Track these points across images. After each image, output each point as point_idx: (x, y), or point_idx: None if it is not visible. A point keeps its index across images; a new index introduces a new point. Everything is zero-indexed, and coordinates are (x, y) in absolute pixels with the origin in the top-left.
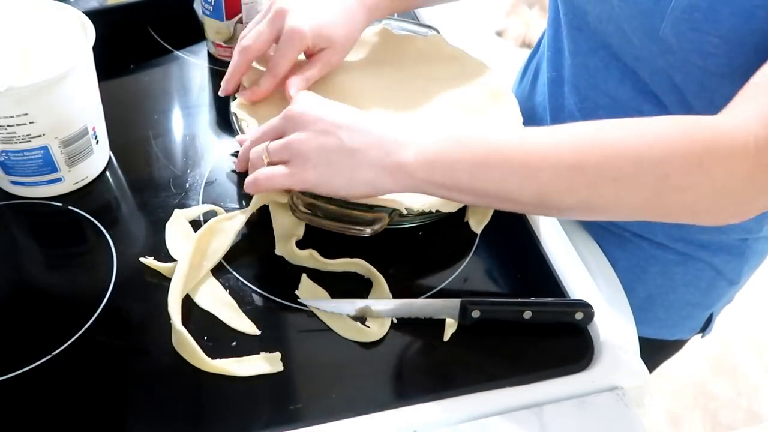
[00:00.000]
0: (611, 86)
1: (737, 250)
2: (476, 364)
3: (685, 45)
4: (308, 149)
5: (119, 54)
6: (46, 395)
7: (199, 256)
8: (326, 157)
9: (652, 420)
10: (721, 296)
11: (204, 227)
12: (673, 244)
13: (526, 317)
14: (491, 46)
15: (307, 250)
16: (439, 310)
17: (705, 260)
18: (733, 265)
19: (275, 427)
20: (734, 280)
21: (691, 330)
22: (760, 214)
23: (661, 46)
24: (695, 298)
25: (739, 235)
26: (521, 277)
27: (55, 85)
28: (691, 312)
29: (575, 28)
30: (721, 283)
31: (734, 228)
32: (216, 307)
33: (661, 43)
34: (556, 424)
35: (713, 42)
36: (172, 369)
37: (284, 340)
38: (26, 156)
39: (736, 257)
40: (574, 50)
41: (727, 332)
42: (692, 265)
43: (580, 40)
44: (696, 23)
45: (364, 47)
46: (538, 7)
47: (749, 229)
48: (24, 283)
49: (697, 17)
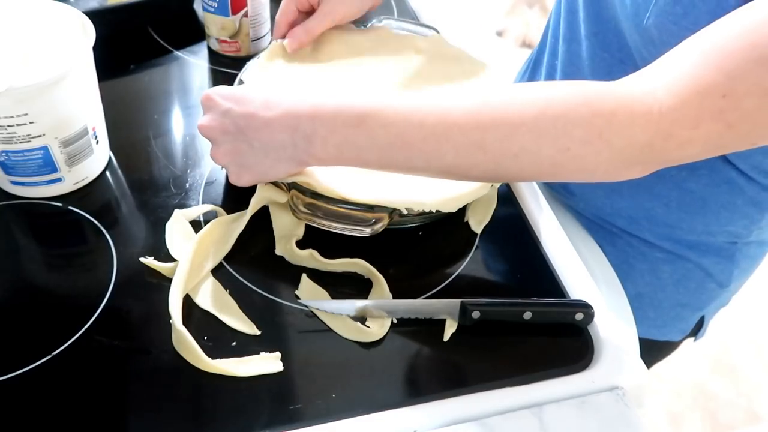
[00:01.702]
0: (600, 75)
1: (726, 253)
2: (476, 364)
3: (665, 38)
4: (222, 156)
5: (119, 54)
6: (46, 395)
7: (200, 257)
8: (241, 160)
9: (652, 420)
10: (712, 298)
11: (205, 228)
12: (660, 242)
13: (526, 318)
14: (491, 46)
15: (307, 250)
16: (439, 311)
17: (693, 261)
18: (722, 268)
19: (275, 427)
20: (724, 283)
21: (681, 332)
22: (748, 221)
23: (644, 37)
24: (684, 299)
25: (727, 239)
26: (521, 277)
27: (55, 85)
28: (680, 312)
29: (572, 12)
30: (711, 285)
31: (722, 232)
32: (216, 307)
33: (644, 33)
34: (556, 424)
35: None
36: (172, 369)
37: (284, 340)
38: (26, 156)
39: (726, 260)
40: (569, 37)
41: (726, 332)
42: (681, 264)
43: (574, 25)
44: (676, 17)
45: (364, 47)
46: (538, 7)
47: (738, 234)
48: (24, 283)
49: (677, 11)
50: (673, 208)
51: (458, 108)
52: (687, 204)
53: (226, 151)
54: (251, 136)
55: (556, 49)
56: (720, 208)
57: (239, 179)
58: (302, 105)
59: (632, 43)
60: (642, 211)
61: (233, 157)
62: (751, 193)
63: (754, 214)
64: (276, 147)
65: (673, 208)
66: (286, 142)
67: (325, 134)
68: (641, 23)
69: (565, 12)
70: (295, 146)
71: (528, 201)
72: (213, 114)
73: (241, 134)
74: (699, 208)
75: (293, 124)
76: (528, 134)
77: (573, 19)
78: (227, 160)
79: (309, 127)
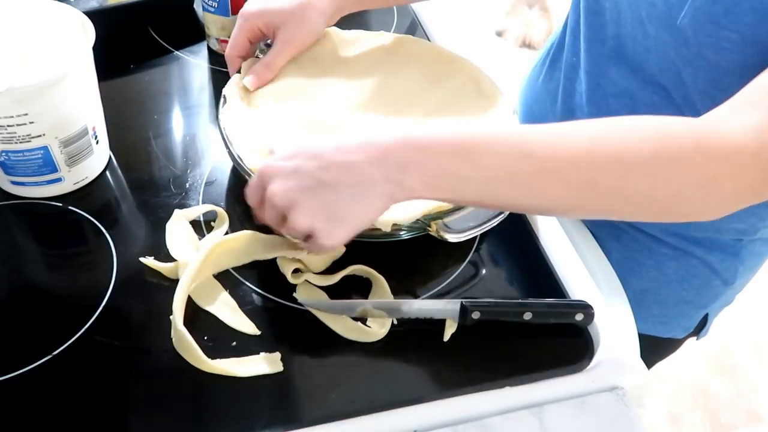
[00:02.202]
0: (621, 75)
1: (732, 250)
2: (476, 364)
3: (702, 38)
4: (308, 216)
5: (119, 54)
6: (46, 395)
7: (207, 268)
8: (330, 214)
9: (652, 420)
10: (716, 296)
11: (226, 237)
12: (667, 238)
13: (526, 318)
14: (491, 47)
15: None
16: (439, 311)
17: (699, 257)
18: (728, 265)
19: (275, 427)
20: (729, 281)
21: (684, 329)
22: (756, 218)
23: (677, 38)
24: (689, 296)
25: (733, 236)
26: (521, 277)
27: (55, 85)
28: (684, 309)
29: (593, 12)
30: (716, 282)
31: (728, 229)
32: (216, 307)
33: (678, 34)
34: (556, 424)
35: (730, 37)
36: (172, 369)
37: (284, 340)
38: (26, 156)
39: (731, 257)
40: (589, 36)
41: (727, 332)
42: (686, 261)
43: (596, 25)
44: (715, 16)
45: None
46: (538, 7)
47: (743, 231)
48: (24, 283)
49: (717, 10)
50: None
51: (570, 142)
52: None
53: (310, 209)
54: (336, 182)
55: (577, 48)
56: None
57: (333, 237)
58: (384, 137)
59: (660, 45)
60: None
61: (321, 212)
62: None
63: (763, 212)
64: (366, 185)
65: None
66: (376, 176)
67: (421, 162)
68: (675, 23)
69: (585, 12)
70: (387, 180)
71: None
72: (281, 179)
73: (323, 185)
74: None
75: (381, 154)
76: (643, 176)
77: (595, 20)
78: (314, 219)
79: (402, 156)
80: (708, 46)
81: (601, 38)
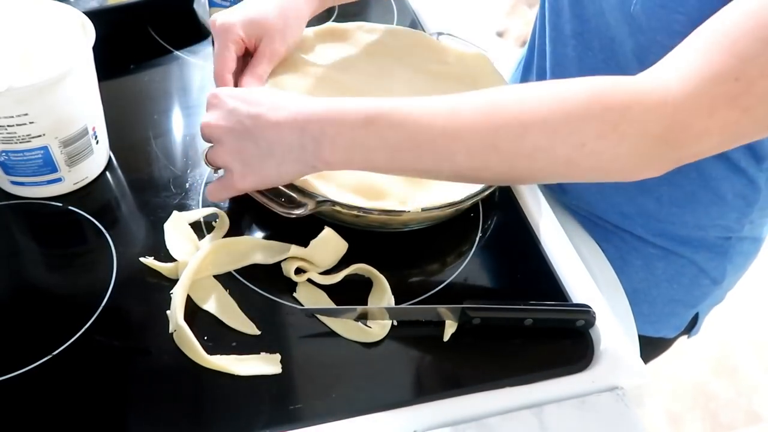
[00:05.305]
0: (587, 74)
1: (719, 249)
2: (476, 364)
3: (653, 23)
4: (226, 155)
5: (119, 54)
6: (46, 395)
7: (207, 268)
8: (246, 160)
9: (652, 420)
10: (705, 295)
11: (227, 240)
12: (653, 239)
13: (527, 324)
14: (491, 47)
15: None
16: (440, 316)
17: (687, 257)
18: (716, 264)
19: (275, 427)
20: (717, 279)
21: (675, 328)
22: (738, 214)
23: (632, 25)
24: (678, 295)
25: (720, 234)
26: (521, 278)
27: (55, 85)
28: (674, 309)
29: (555, 12)
30: (704, 281)
31: (713, 226)
32: (216, 307)
33: (632, 21)
34: (556, 424)
35: (679, 20)
36: (172, 369)
37: (284, 340)
38: (26, 156)
39: (719, 255)
40: (554, 37)
41: (727, 332)
42: (674, 260)
43: (558, 26)
44: (663, 0)
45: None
46: (538, 7)
47: (730, 228)
48: (24, 283)
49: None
50: (664, 203)
51: (468, 108)
52: (677, 198)
53: (230, 149)
54: (258, 135)
55: (543, 50)
56: (709, 202)
57: (243, 180)
58: (311, 107)
59: (619, 35)
60: (634, 207)
61: (237, 156)
62: (739, 186)
63: (743, 207)
64: (283, 148)
65: (665, 203)
66: (294, 143)
67: (333, 136)
68: (628, 11)
69: (549, 13)
70: (302, 148)
71: (528, 202)
72: (218, 112)
73: (247, 133)
74: (689, 202)
75: (301, 125)
76: (541, 132)
77: (557, 20)
78: (230, 159)
79: (317, 129)
80: (660, 30)
81: (565, 38)
